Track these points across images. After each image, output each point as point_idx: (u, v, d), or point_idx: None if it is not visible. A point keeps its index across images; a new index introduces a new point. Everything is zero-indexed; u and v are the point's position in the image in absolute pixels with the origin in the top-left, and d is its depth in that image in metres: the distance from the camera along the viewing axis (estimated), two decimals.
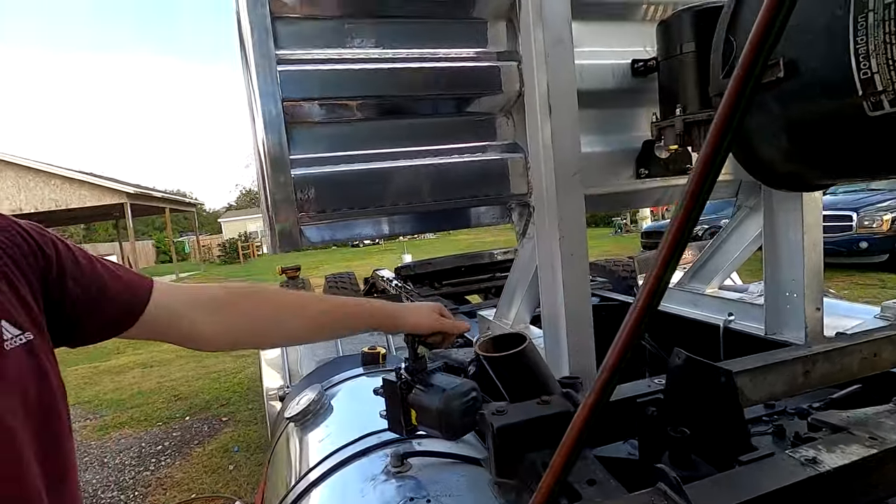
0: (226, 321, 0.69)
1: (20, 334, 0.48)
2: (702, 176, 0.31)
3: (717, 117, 0.30)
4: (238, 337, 0.72)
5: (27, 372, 0.48)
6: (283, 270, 3.63)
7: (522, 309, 1.33)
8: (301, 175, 0.98)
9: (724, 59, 0.61)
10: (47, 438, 0.49)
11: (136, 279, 0.63)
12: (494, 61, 1.14)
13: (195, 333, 0.67)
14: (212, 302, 0.69)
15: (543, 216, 1.08)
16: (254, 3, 0.92)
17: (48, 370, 0.50)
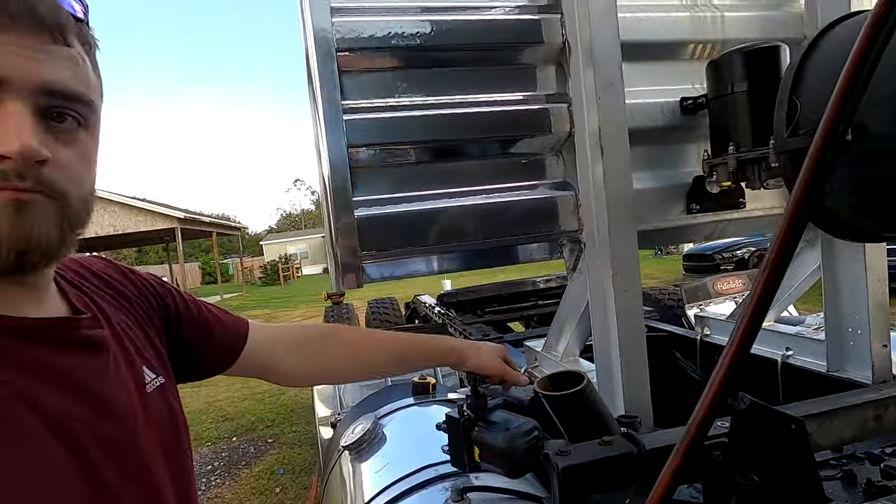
0: (311, 360, 0.75)
1: (156, 378, 0.54)
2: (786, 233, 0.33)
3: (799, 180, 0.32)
4: (321, 373, 0.77)
5: (163, 414, 0.53)
6: (328, 296, 3.73)
7: (572, 342, 1.34)
8: (363, 215, 1.04)
9: (787, 119, 0.62)
10: (179, 477, 0.54)
11: (235, 322, 0.70)
12: (544, 104, 1.19)
13: (283, 371, 0.73)
14: (297, 342, 0.75)
15: (595, 252, 1.10)
16: (324, 62, 1.00)
17: (177, 412, 0.56)
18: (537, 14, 1.17)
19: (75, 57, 0.41)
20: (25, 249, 0.39)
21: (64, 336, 0.46)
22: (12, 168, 0.38)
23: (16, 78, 0.38)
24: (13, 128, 0.37)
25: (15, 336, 0.43)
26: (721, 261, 9.73)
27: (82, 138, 0.43)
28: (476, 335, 2.12)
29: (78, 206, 0.43)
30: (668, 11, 1.22)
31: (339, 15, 1.04)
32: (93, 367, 0.47)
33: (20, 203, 0.38)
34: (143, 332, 0.56)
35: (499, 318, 2.79)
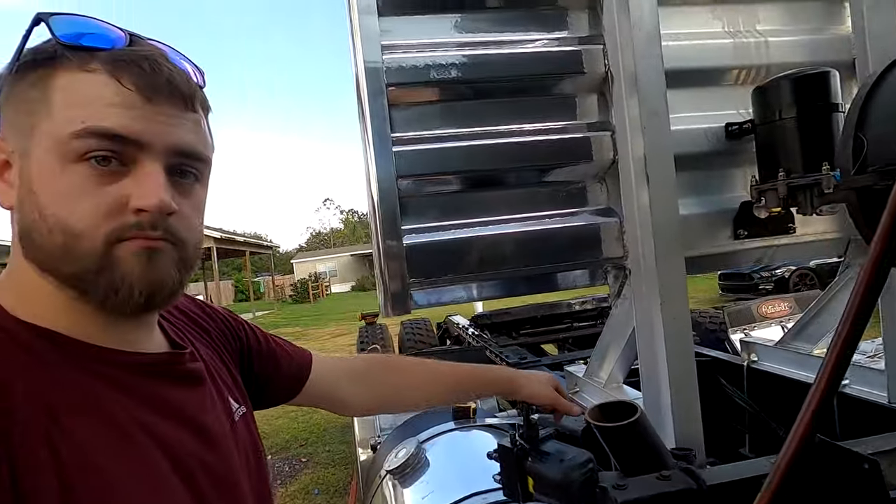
0: (370, 390, 0.77)
1: (239, 407, 0.57)
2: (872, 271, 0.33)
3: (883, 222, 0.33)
4: (382, 403, 0.79)
5: (248, 442, 0.56)
6: (362, 316, 3.79)
7: (616, 369, 1.33)
8: (412, 243, 1.07)
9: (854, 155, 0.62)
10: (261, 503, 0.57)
11: (299, 353, 0.73)
12: (585, 132, 1.20)
13: (345, 401, 0.76)
14: (357, 373, 0.77)
15: (641, 279, 1.09)
16: (374, 97, 1.05)
17: (258, 440, 0.59)
18: (578, 45, 1.20)
19: (199, 121, 0.46)
20: (154, 291, 0.44)
21: (172, 370, 0.50)
22: (148, 220, 0.42)
23: (155, 142, 0.42)
24: (152, 185, 0.42)
25: (136, 371, 0.46)
26: (759, 280, 9.39)
27: (198, 191, 0.48)
28: (513, 358, 2.11)
29: (192, 252, 0.47)
30: (711, 38, 1.22)
31: (389, 52, 1.09)
32: (197, 400, 0.51)
33: (151, 251, 0.43)
34: (224, 365, 0.60)
35: (533, 341, 2.77)
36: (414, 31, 1.13)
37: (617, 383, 1.36)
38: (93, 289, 0.42)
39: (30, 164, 0.42)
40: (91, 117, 0.41)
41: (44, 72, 0.42)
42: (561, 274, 1.27)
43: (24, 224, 0.42)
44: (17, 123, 0.43)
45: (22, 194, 0.42)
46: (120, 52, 0.42)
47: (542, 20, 1.22)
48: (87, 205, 0.41)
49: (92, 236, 0.41)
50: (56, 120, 0.41)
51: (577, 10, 1.23)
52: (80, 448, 0.39)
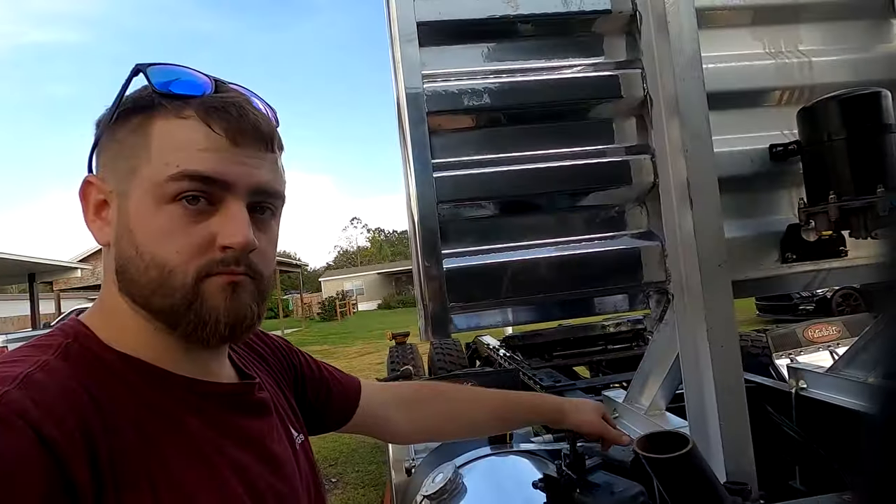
0: (417, 418, 0.77)
1: (298, 435, 0.58)
2: None
3: None
4: (429, 432, 0.79)
5: (308, 470, 0.57)
6: (392, 336, 3.80)
7: (659, 396, 1.29)
8: (452, 267, 1.08)
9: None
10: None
11: (349, 381, 0.74)
12: (623, 156, 1.20)
13: (391, 429, 0.76)
14: (404, 401, 0.78)
15: (685, 304, 1.07)
16: (416, 125, 1.08)
17: (316, 467, 0.60)
18: (615, 70, 1.20)
19: (276, 160, 0.49)
20: (236, 324, 0.46)
21: (244, 400, 0.52)
22: (233, 256, 0.45)
23: (240, 183, 0.45)
24: (238, 224, 0.45)
25: (215, 400, 0.48)
26: (800, 301, 9.00)
27: (273, 226, 0.50)
28: (546, 381, 2.08)
29: (267, 284, 0.49)
30: (752, 60, 1.21)
31: (429, 81, 1.11)
32: (266, 430, 0.52)
33: (235, 284, 0.45)
34: (282, 392, 0.61)
35: (566, 363, 2.72)
36: (453, 60, 1.15)
37: (659, 410, 1.32)
38: (182, 322, 0.44)
39: (128, 204, 0.45)
40: (184, 161, 0.44)
41: (143, 118, 0.45)
42: (599, 298, 1.26)
43: (121, 260, 0.45)
44: (117, 166, 0.46)
45: (120, 232, 0.45)
46: (210, 99, 0.45)
47: (579, 46, 1.23)
48: (179, 242, 0.43)
49: (183, 272, 0.44)
50: (154, 164, 0.44)
51: (614, 36, 1.24)
52: (173, 473, 0.41)
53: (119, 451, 0.39)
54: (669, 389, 1.28)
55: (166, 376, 0.46)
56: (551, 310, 1.22)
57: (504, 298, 1.11)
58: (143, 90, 0.46)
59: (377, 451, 4.15)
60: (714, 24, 1.21)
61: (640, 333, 2.85)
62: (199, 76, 0.47)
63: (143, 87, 0.46)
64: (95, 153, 0.49)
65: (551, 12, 1.18)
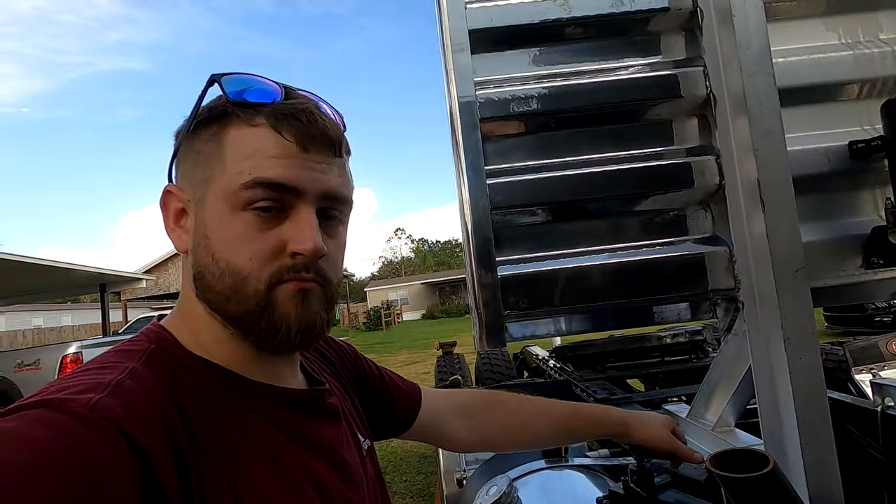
0: (478, 427, 0.76)
1: (364, 441, 0.58)
2: None
3: None
4: (488, 441, 0.78)
5: (374, 475, 0.57)
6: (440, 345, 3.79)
7: (727, 411, 1.22)
8: (506, 275, 1.06)
9: None
10: None
11: (409, 388, 0.73)
12: (684, 157, 1.15)
13: (451, 437, 0.75)
14: (465, 409, 0.76)
15: (757, 313, 1.00)
16: (468, 132, 1.07)
17: (381, 472, 0.60)
18: (674, 69, 1.16)
19: (344, 165, 0.49)
20: (307, 330, 0.46)
21: (316, 406, 0.52)
22: (302, 263, 0.45)
23: (309, 188, 0.46)
24: (307, 231, 0.45)
25: (288, 406, 0.49)
26: (875, 311, 8.30)
27: (341, 231, 0.51)
28: (600, 393, 2.00)
29: (335, 290, 0.50)
30: (827, 52, 1.13)
31: (482, 87, 1.11)
32: (336, 436, 0.52)
33: (305, 291, 0.45)
34: (349, 397, 0.61)
35: (619, 375, 2.62)
36: (505, 66, 1.15)
37: (728, 427, 1.24)
38: (255, 328, 0.45)
39: (205, 212, 0.46)
40: (256, 169, 0.44)
41: (218, 128, 0.47)
42: (660, 307, 1.20)
43: (198, 267, 0.46)
44: (194, 175, 0.48)
45: (197, 239, 0.47)
46: (280, 107, 0.46)
47: (634, 46, 1.20)
48: (252, 249, 0.44)
49: (257, 278, 0.44)
50: (228, 173, 0.45)
51: (672, 34, 1.20)
52: (253, 481, 0.42)
53: (203, 458, 0.40)
54: (740, 404, 1.20)
55: (242, 381, 0.47)
56: (608, 319, 1.17)
57: (560, 306, 1.08)
58: (218, 100, 0.48)
59: (425, 461, 4.14)
60: (783, 16, 1.15)
61: (700, 345, 2.71)
62: (270, 84, 0.48)
63: (218, 97, 0.48)
64: (175, 163, 0.50)
65: (605, 13, 1.15)
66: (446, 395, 0.78)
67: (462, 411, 0.76)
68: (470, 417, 0.76)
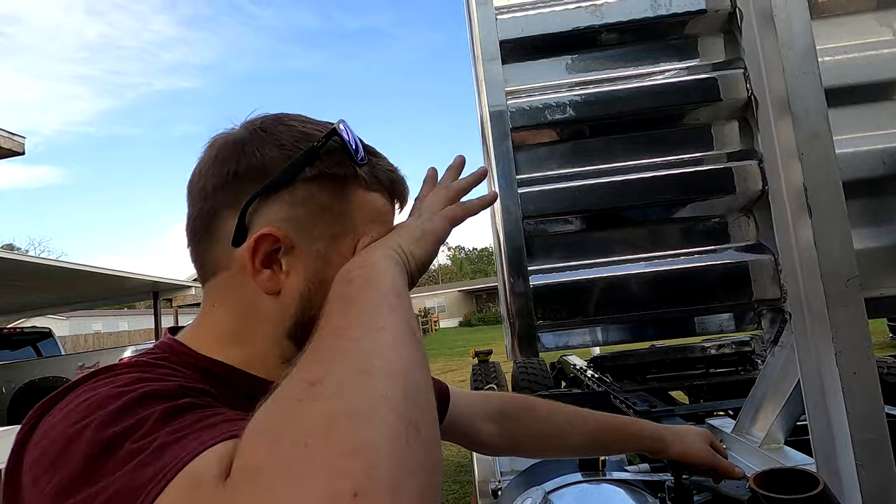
0: (508, 431, 0.75)
1: None
2: None
3: None
4: (518, 447, 0.77)
5: None
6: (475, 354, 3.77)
7: (776, 427, 1.16)
8: (539, 284, 1.05)
9: None
10: None
11: (436, 386, 0.73)
12: (725, 162, 1.11)
13: (480, 440, 0.74)
14: (496, 412, 0.76)
15: (806, 325, 0.95)
16: (499, 141, 1.07)
17: None
18: (712, 72, 1.12)
19: None
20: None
21: None
22: None
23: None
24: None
25: None
26: None
27: None
28: (640, 405, 1.94)
29: None
30: (879, 48, 1.07)
31: (513, 97, 1.11)
32: None
33: None
34: None
35: (660, 387, 2.53)
36: (537, 74, 1.15)
37: (777, 444, 1.18)
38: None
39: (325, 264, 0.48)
40: (378, 233, 0.51)
41: (347, 189, 0.49)
42: (701, 317, 1.16)
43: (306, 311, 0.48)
44: (314, 226, 0.48)
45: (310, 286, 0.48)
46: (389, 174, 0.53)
47: (670, 50, 1.17)
48: None
49: None
50: (358, 233, 0.50)
51: (710, 36, 1.16)
52: None
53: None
54: (789, 420, 1.14)
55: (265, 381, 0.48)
56: (646, 329, 1.14)
57: (595, 316, 1.06)
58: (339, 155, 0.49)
59: (460, 471, 4.12)
60: (829, 13, 1.09)
61: (747, 356, 2.58)
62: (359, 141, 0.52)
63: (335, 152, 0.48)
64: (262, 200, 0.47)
65: (639, 18, 1.13)
66: (475, 397, 0.78)
67: (493, 415, 0.75)
68: (501, 422, 0.75)
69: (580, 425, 0.78)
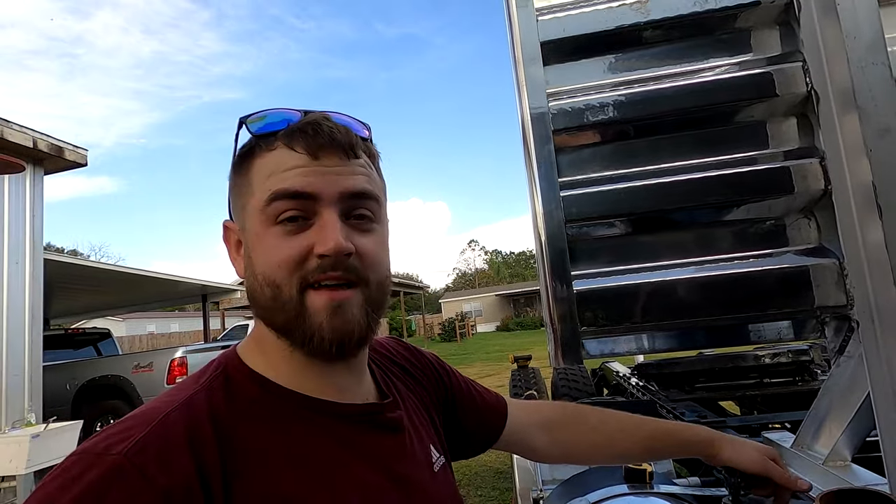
0: (561, 439, 0.73)
1: (440, 457, 0.58)
2: None
3: None
4: (571, 455, 0.75)
5: (448, 493, 0.57)
6: (514, 359, 3.73)
7: (842, 443, 1.08)
8: (582, 289, 1.02)
9: None
10: None
11: (496, 399, 0.72)
12: (782, 161, 1.05)
13: (535, 448, 0.73)
14: (548, 421, 0.74)
15: (876, 334, 0.89)
16: (541, 144, 1.06)
17: (457, 491, 0.60)
18: (767, 66, 1.07)
19: (363, 165, 0.52)
20: (343, 340, 0.48)
21: (375, 419, 0.53)
22: (328, 263, 0.47)
23: (325, 192, 0.48)
24: (329, 231, 0.47)
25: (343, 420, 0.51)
26: None
27: (376, 228, 0.52)
28: (689, 415, 1.86)
29: (377, 290, 0.51)
30: None
31: (554, 99, 1.09)
32: (396, 448, 0.53)
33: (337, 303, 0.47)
34: (426, 411, 0.62)
35: (710, 396, 2.41)
36: (579, 75, 1.12)
37: (843, 461, 1.10)
38: (296, 335, 0.48)
39: (247, 236, 0.51)
40: (275, 184, 0.48)
41: (247, 162, 0.52)
42: (756, 325, 1.10)
43: (249, 288, 0.51)
44: (237, 206, 0.53)
45: (246, 262, 0.51)
46: (291, 126, 0.50)
47: (721, 45, 1.12)
48: (281, 257, 0.47)
49: (289, 284, 0.47)
50: (256, 195, 0.49)
51: (764, 29, 1.11)
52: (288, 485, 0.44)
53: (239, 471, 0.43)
54: (857, 436, 1.06)
55: (294, 396, 0.49)
56: (697, 337, 1.09)
57: (641, 323, 1.02)
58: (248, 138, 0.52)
59: (500, 477, 4.07)
60: None
61: (806, 366, 2.42)
62: (287, 111, 0.52)
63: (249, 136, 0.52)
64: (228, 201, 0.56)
65: (687, 13, 1.09)
66: (530, 407, 0.76)
67: (546, 424, 0.73)
68: (553, 431, 0.73)
69: (634, 434, 0.75)
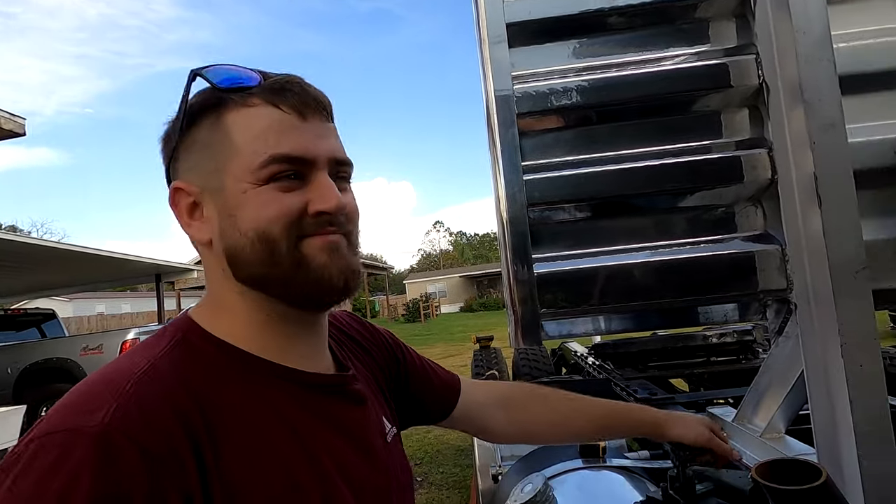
0: (515, 419, 0.76)
1: (391, 427, 0.59)
2: None
3: None
4: (525, 433, 0.78)
5: (399, 463, 0.58)
6: (477, 340, 3.79)
7: (778, 417, 1.16)
8: (543, 272, 1.04)
9: None
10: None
11: (448, 378, 0.74)
12: (733, 151, 1.09)
13: (491, 428, 0.75)
14: (504, 400, 0.77)
15: (811, 316, 0.95)
16: (505, 127, 1.06)
17: (406, 460, 0.61)
18: (723, 57, 1.10)
19: (335, 130, 0.52)
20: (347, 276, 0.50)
21: (342, 390, 0.54)
22: (326, 219, 0.48)
23: (321, 157, 0.49)
24: (329, 191, 0.48)
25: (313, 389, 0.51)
26: None
27: (350, 190, 0.53)
28: (641, 393, 1.95)
29: (356, 239, 0.53)
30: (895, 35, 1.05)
31: (519, 81, 1.09)
32: (362, 419, 0.54)
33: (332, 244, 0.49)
34: (377, 384, 0.62)
35: (661, 375, 2.54)
36: (544, 59, 1.12)
37: (778, 433, 1.19)
38: (297, 286, 0.48)
39: (226, 196, 0.48)
40: (270, 147, 0.47)
41: (215, 117, 0.49)
42: (705, 307, 1.15)
43: (229, 249, 0.48)
44: (203, 167, 0.50)
45: (223, 223, 0.48)
46: (270, 83, 0.49)
47: (679, 35, 1.15)
48: (277, 211, 0.47)
49: (286, 237, 0.47)
50: (243, 154, 0.47)
51: (721, 20, 1.14)
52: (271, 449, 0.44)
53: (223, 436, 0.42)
54: (791, 410, 1.15)
55: (265, 364, 0.48)
56: (650, 318, 1.13)
57: (599, 305, 1.05)
58: (205, 92, 0.49)
59: (461, 454, 4.17)
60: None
61: (749, 346, 2.58)
62: (247, 70, 0.50)
63: (204, 90, 0.49)
64: (173, 164, 0.52)
65: (650, 1, 1.11)
66: (487, 386, 0.78)
67: (503, 403, 0.76)
68: (510, 410, 0.76)
69: (589, 413, 0.78)
